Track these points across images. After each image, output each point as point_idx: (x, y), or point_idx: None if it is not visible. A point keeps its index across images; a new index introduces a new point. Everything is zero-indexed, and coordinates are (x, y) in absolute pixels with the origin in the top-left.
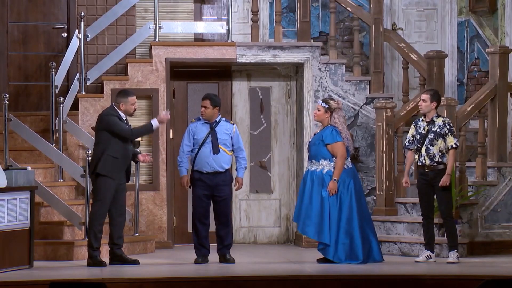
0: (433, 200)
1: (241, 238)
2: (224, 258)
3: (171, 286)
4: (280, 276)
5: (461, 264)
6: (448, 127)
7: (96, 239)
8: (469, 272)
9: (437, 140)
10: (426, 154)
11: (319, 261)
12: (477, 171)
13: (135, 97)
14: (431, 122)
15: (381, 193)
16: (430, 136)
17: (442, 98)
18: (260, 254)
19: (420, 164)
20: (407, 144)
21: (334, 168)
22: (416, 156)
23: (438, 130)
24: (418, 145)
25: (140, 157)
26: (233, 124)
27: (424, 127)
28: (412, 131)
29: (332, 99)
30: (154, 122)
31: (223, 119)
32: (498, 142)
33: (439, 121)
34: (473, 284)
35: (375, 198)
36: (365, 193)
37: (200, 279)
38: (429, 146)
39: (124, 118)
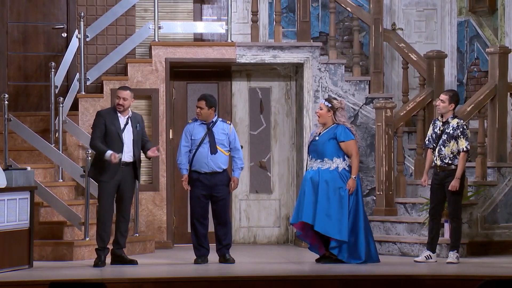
0: (443, 201)
1: (241, 238)
2: (224, 258)
3: (171, 286)
4: (280, 276)
5: (461, 264)
6: (461, 129)
7: (101, 239)
8: (469, 272)
9: (450, 142)
10: (438, 154)
11: (319, 261)
12: (477, 171)
13: (127, 91)
14: (446, 123)
15: (381, 193)
16: (444, 137)
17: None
18: (260, 254)
19: (433, 164)
20: (426, 142)
21: (348, 166)
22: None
23: (451, 132)
24: (434, 145)
25: (150, 153)
26: (230, 123)
27: (440, 127)
28: (430, 130)
29: (335, 99)
30: (107, 154)
31: (220, 119)
32: (498, 142)
33: (454, 122)
34: (473, 284)
35: (375, 198)
36: (365, 193)
37: (200, 279)
38: (441, 147)
39: (122, 114)
